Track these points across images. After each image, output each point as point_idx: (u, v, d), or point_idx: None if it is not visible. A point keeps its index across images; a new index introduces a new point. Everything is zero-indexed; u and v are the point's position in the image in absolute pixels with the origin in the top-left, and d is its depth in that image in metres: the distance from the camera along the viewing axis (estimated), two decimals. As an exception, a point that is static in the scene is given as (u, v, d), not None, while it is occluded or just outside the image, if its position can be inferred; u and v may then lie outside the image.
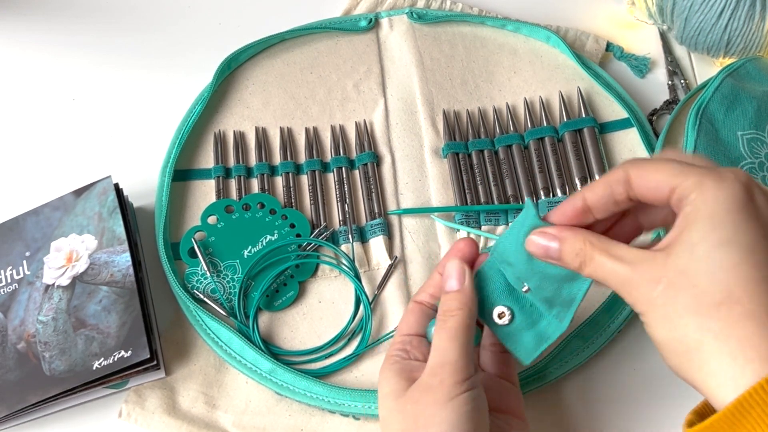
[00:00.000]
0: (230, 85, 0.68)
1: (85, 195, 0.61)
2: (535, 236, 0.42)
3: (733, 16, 0.63)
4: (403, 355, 0.46)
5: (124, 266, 0.57)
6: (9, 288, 0.58)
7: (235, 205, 0.62)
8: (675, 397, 0.56)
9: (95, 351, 0.54)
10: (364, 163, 0.64)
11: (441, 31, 0.70)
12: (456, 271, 0.46)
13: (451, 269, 0.46)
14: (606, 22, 0.73)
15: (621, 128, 0.65)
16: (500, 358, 0.49)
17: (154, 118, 0.68)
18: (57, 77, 0.70)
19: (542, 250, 0.42)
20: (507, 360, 0.49)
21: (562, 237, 0.42)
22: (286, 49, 0.70)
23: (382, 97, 0.67)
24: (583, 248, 0.41)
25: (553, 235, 0.42)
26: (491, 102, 0.67)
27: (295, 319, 0.58)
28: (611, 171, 0.41)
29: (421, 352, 0.46)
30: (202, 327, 0.57)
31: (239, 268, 0.59)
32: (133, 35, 0.73)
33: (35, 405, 0.53)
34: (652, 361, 0.57)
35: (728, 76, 0.62)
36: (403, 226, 0.62)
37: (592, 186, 0.42)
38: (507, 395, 0.48)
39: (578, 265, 0.41)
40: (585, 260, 0.40)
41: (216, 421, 0.55)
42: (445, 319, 0.44)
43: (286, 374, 0.55)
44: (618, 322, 0.57)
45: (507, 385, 0.49)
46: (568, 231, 0.42)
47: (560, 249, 0.41)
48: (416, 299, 0.49)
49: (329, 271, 0.60)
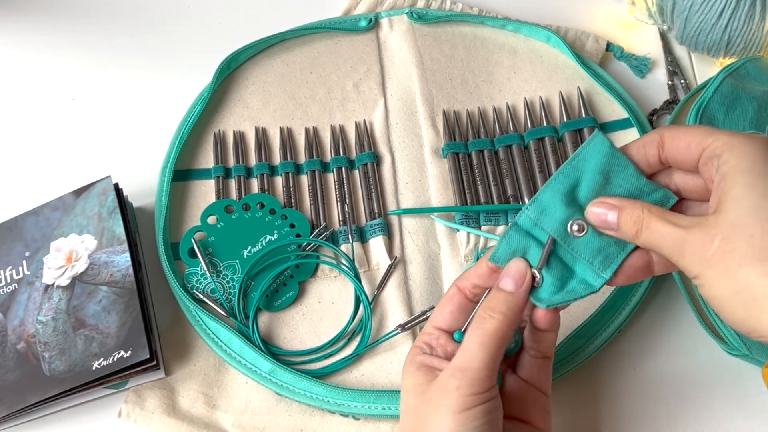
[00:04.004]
0: (230, 85, 0.68)
1: (85, 195, 0.61)
2: (595, 206, 0.43)
3: (733, 16, 0.63)
4: (426, 349, 0.45)
5: (124, 266, 0.57)
6: (9, 288, 0.58)
7: (234, 205, 0.62)
8: (675, 397, 0.56)
9: (95, 351, 0.54)
10: (364, 163, 0.64)
11: (441, 31, 0.70)
12: (517, 273, 0.44)
13: (514, 268, 0.44)
14: (606, 22, 0.73)
15: (621, 128, 0.65)
16: (538, 364, 0.48)
17: (154, 118, 0.68)
18: (57, 77, 0.70)
19: (602, 220, 0.43)
20: (544, 368, 0.48)
21: (621, 205, 0.43)
22: (286, 49, 0.70)
23: (382, 97, 0.67)
24: (641, 215, 0.42)
25: (612, 204, 0.43)
26: (491, 102, 0.67)
27: (294, 319, 0.58)
28: (647, 133, 0.44)
29: (446, 352, 0.45)
30: (202, 327, 0.57)
31: (239, 268, 0.59)
32: (133, 35, 0.73)
33: (35, 405, 0.53)
34: (652, 361, 0.57)
35: (728, 76, 0.62)
36: (403, 226, 0.62)
37: (626, 146, 0.44)
38: (534, 405, 0.47)
39: (635, 233, 0.42)
40: (641, 227, 0.42)
41: (216, 421, 0.55)
42: (483, 319, 0.43)
43: (285, 374, 0.55)
44: (618, 322, 0.57)
45: (537, 395, 0.47)
46: (626, 200, 0.43)
47: (618, 217, 0.43)
48: (459, 284, 0.47)
49: (329, 271, 0.60)
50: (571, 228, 0.44)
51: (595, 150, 0.44)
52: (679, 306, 0.59)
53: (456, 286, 0.47)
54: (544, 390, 0.48)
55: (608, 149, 0.44)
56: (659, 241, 0.41)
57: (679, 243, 0.40)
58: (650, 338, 0.58)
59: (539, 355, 0.47)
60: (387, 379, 0.56)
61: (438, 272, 0.60)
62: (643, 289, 0.58)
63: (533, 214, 0.44)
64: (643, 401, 0.56)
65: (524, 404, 0.47)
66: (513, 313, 0.43)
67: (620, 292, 0.57)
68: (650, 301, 0.59)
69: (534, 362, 0.47)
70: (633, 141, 0.44)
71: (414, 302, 0.59)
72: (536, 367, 0.47)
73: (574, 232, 0.44)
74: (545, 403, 0.47)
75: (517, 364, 0.48)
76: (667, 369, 0.57)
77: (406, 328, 0.56)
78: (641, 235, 0.42)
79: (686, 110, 0.63)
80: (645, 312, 0.59)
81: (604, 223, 0.43)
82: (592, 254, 0.44)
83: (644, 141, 0.44)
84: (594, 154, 0.44)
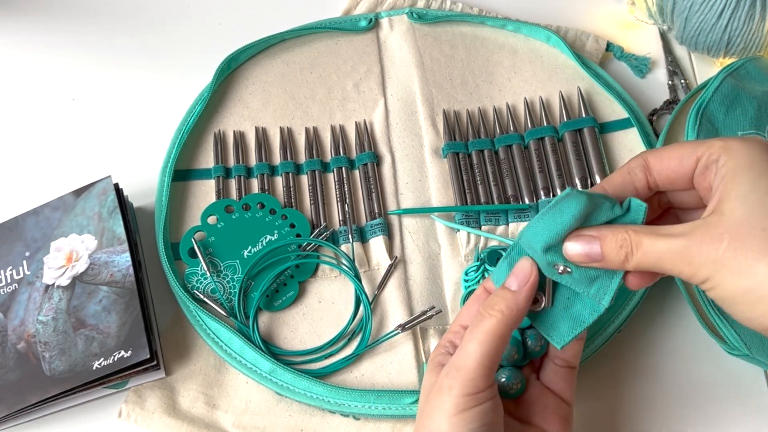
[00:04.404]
0: (230, 85, 0.68)
1: (85, 195, 0.61)
2: (572, 242, 0.41)
3: (733, 16, 0.63)
4: (449, 348, 0.45)
5: (124, 266, 0.57)
6: (9, 288, 0.58)
7: (235, 205, 0.62)
8: (674, 397, 0.56)
9: (95, 351, 0.54)
10: (364, 163, 0.64)
11: (441, 31, 0.70)
12: (522, 273, 0.43)
13: (520, 268, 0.43)
14: (606, 22, 0.73)
15: (621, 128, 0.65)
16: (561, 372, 0.47)
17: (154, 118, 0.68)
18: (57, 77, 0.70)
19: (584, 255, 0.41)
20: (568, 377, 0.47)
21: (601, 234, 0.41)
22: (286, 49, 0.70)
23: (382, 97, 0.67)
24: (626, 237, 0.40)
25: (591, 236, 0.41)
26: (491, 102, 0.67)
27: (295, 319, 0.58)
28: (629, 160, 0.42)
29: None
30: (202, 327, 0.57)
31: (239, 268, 0.59)
32: (133, 35, 0.73)
33: (35, 405, 0.53)
34: (652, 360, 0.57)
35: (728, 76, 0.62)
36: (403, 226, 0.62)
37: (611, 177, 0.43)
38: (555, 413, 0.46)
39: (624, 257, 0.40)
40: (630, 249, 0.40)
41: (216, 421, 0.55)
42: (482, 317, 0.42)
43: (286, 374, 0.55)
44: (618, 322, 0.57)
45: (559, 403, 0.47)
46: (604, 227, 0.41)
47: (602, 247, 0.40)
48: (486, 285, 0.46)
49: (329, 271, 0.60)
50: (557, 270, 0.43)
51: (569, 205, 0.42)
52: (679, 306, 0.59)
53: (483, 286, 0.47)
54: (567, 399, 0.47)
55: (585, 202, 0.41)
56: (657, 257, 0.39)
57: (682, 252, 0.38)
58: (650, 338, 0.58)
59: (564, 364, 0.47)
60: (387, 379, 0.56)
61: (438, 272, 0.60)
62: (643, 289, 0.57)
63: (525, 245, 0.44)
64: (643, 401, 0.56)
65: (545, 411, 0.46)
66: (512, 313, 0.42)
67: (620, 292, 0.57)
68: (650, 301, 0.59)
69: (558, 370, 0.47)
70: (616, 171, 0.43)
71: (414, 302, 0.59)
72: (560, 376, 0.47)
73: (560, 273, 0.43)
74: (567, 412, 0.47)
75: (541, 370, 0.48)
76: (667, 369, 0.57)
77: (406, 328, 0.56)
78: (632, 259, 0.40)
79: (686, 110, 0.63)
80: (645, 312, 0.59)
81: (586, 257, 0.41)
82: (585, 286, 0.43)
83: (629, 168, 0.42)
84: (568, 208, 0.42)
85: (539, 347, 0.47)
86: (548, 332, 0.44)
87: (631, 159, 0.43)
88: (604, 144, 0.65)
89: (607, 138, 0.65)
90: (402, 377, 0.56)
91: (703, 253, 0.38)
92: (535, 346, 0.47)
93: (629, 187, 0.43)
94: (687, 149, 0.41)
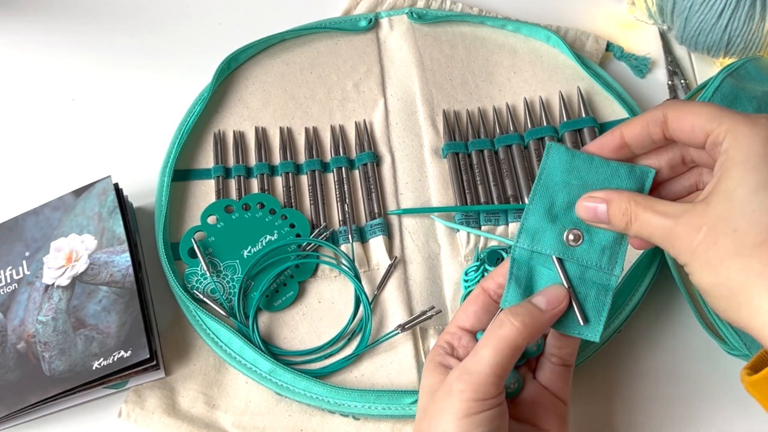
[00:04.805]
0: (230, 85, 0.68)
1: (85, 195, 0.61)
2: (585, 201, 0.43)
3: (733, 16, 0.63)
4: (447, 349, 0.45)
5: (124, 266, 0.57)
6: (9, 288, 0.58)
7: (234, 205, 0.62)
8: (675, 396, 0.56)
9: (95, 351, 0.54)
10: (364, 163, 0.64)
11: (441, 31, 0.70)
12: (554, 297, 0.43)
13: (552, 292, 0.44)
14: (606, 22, 0.73)
15: (621, 128, 0.65)
16: (558, 371, 0.47)
17: (154, 118, 0.68)
18: (57, 77, 0.70)
19: (591, 212, 0.43)
20: (564, 376, 0.47)
21: (609, 198, 0.43)
22: (286, 49, 0.70)
23: (382, 97, 0.67)
24: (628, 207, 0.42)
25: (600, 198, 0.43)
26: (491, 102, 0.67)
27: (294, 319, 0.58)
28: (650, 110, 0.43)
29: (467, 352, 0.45)
30: (202, 327, 0.57)
31: (239, 268, 0.59)
32: (133, 35, 0.73)
33: (35, 405, 0.53)
34: (652, 360, 0.57)
35: (728, 76, 0.62)
36: (403, 226, 0.62)
37: (630, 122, 0.43)
38: (552, 411, 0.46)
39: (625, 225, 0.42)
40: (631, 219, 0.42)
41: (216, 421, 0.55)
42: (502, 323, 0.42)
43: (285, 374, 0.55)
44: (618, 322, 0.57)
45: (555, 401, 0.47)
46: (614, 192, 0.43)
47: (607, 210, 0.42)
48: (483, 285, 0.47)
49: (329, 271, 0.60)
50: (567, 239, 0.44)
51: (554, 161, 0.45)
52: (679, 306, 0.59)
53: (481, 286, 0.47)
54: (563, 397, 0.47)
55: (566, 153, 0.44)
56: (649, 231, 0.41)
57: (667, 233, 0.40)
58: (650, 338, 0.58)
59: (560, 363, 0.47)
60: (387, 379, 0.56)
61: (438, 272, 0.60)
62: (643, 289, 0.58)
63: (526, 243, 0.45)
64: (643, 401, 0.56)
65: (541, 410, 0.46)
66: (533, 329, 0.42)
67: (620, 292, 0.57)
68: (650, 301, 0.59)
69: (554, 369, 0.47)
70: (636, 117, 0.43)
71: (414, 302, 0.59)
72: (556, 374, 0.47)
73: (570, 242, 0.44)
74: (563, 411, 0.47)
75: (538, 369, 0.48)
76: (667, 369, 0.57)
77: (406, 328, 0.56)
78: (631, 227, 0.42)
79: (686, 110, 0.63)
80: (645, 312, 0.59)
81: (595, 216, 0.43)
82: (597, 257, 0.44)
83: (647, 119, 0.43)
84: (556, 164, 0.45)
85: (536, 347, 0.47)
86: (578, 331, 0.44)
87: (653, 108, 0.43)
88: (604, 144, 0.65)
89: (607, 138, 0.65)
90: (402, 377, 0.56)
91: (683, 240, 0.39)
92: (532, 346, 0.47)
93: (646, 138, 0.43)
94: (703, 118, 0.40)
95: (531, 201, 0.45)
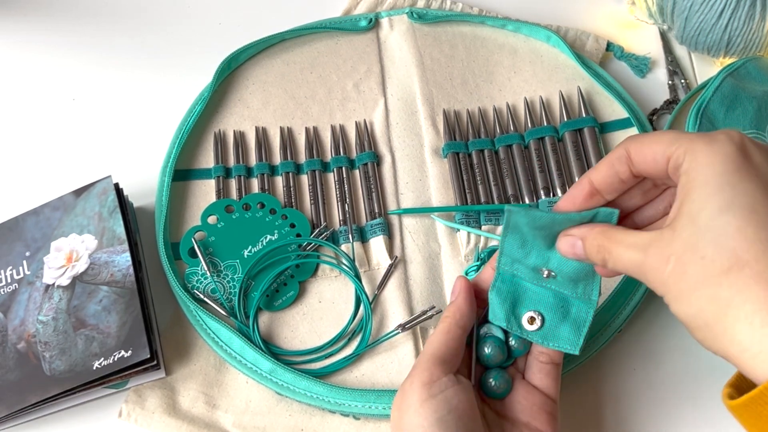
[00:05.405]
0: (230, 85, 0.68)
1: (85, 195, 0.61)
2: (563, 239, 0.43)
3: (734, 16, 0.63)
4: None
5: (124, 266, 0.57)
6: (9, 288, 0.58)
7: (235, 205, 0.62)
8: (675, 397, 0.56)
9: (95, 351, 0.54)
10: (364, 162, 0.64)
11: (441, 31, 0.70)
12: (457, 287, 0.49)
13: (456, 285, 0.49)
14: (606, 21, 0.73)
15: (621, 128, 0.65)
16: (546, 370, 0.48)
17: (154, 118, 0.68)
18: (57, 77, 0.70)
19: (571, 249, 0.43)
20: (552, 374, 0.48)
21: (583, 235, 0.42)
22: (286, 49, 0.70)
23: (382, 97, 0.67)
24: (602, 243, 0.41)
25: (576, 236, 0.43)
26: (491, 102, 0.67)
27: (295, 319, 0.58)
28: (613, 150, 0.42)
29: None
30: (202, 327, 0.57)
31: (239, 267, 0.59)
32: (133, 35, 0.73)
33: (35, 405, 0.53)
34: (652, 361, 0.57)
35: (728, 76, 0.62)
36: (403, 226, 0.62)
37: (596, 168, 0.43)
38: (541, 410, 0.47)
39: (602, 260, 0.41)
40: (605, 255, 0.41)
41: (216, 421, 0.55)
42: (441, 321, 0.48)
43: (286, 374, 0.55)
44: (618, 322, 0.57)
45: (545, 400, 0.47)
46: (586, 229, 0.42)
47: (584, 247, 0.42)
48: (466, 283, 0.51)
49: (329, 271, 0.60)
50: (542, 274, 0.46)
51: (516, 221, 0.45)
52: (679, 306, 0.59)
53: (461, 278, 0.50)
54: (552, 395, 0.48)
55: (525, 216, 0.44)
56: (623, 266, 0.40)
57: (639, 266, 0.39)
58: (650, 338, 0.58)
59: (548, 361, 0.48)
60: (387, 379, 0.56)
61: (438, 272, 0.60)
62: (643, 289, 0.57)
63: (507, 265, 0.47)
64: (643, 401, 0.56)
65: (532, 409, 0.47)
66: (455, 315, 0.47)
67: (620, 292, 0.57)
68: (650, 301, 0.59)
69: (543, 368, 0.48)
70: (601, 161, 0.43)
71: (414, 302, 0.59)
72: (545, 373, 0.48)
73: (545, 276, 0.46)
74: (553, 409, 0.47)
75: (526, 370, 0.48)
76: (667, 369, 0.57)
77: (406, 327, 0.56)
78: (608, 264, 0.41)
79: (686, 110, 0.63)
80: (645, 312, 0.59)
81: (574, 253, 0.43)
82: (572, 288, 0.46)
83: (611, 159, 0.42)
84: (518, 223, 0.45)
85: (522, 346, 0.48)
86: (559, 344, 0.46)
87: (615, 148, 0.42)
88: (604, 144, 0.65)
89: (608, 138, 0.65)
90: (402, 377, 0.56)
91: (654, 272, 0.38)
92: (519, 345, 0.48)
93: (614, 179, 0.42)
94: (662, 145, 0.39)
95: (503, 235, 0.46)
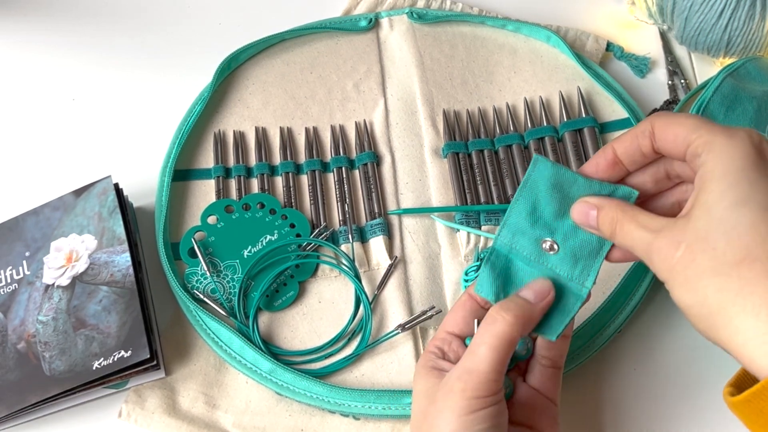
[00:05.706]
0: (230, 85, 0.68)
1: (85, 195, 0.61)
2: (579, 204, 0.44)
3: (734, 16, 0.63)
4: (438, 353, 0.46)
5: (124, 266, 0.57)
6: (9, 288, 0.58)
7: (235, 205, 0.62)
8: (675, 397, 0.56)
9: (95, 351, 0.54)
10: (364, 163, 0.64)
11: (441, 31, 0.70)
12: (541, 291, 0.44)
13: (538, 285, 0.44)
14: (606, 22, 0.73)
15: (621, 128, 0.65)
16: (548, 373, 0.48)
17: (154, 118, 0.68)
18: (57, 77, 0.70)
19: (584, 216, 0.44)
20: (554, 377, 0.48)
21: (600, 205, 0.43)
22: (286, 49, 0.70)
23: (382, 97, 0.67)
24: (615, 216, 0.42)
25: (593, 204, 0.43)
26: (491, 102, 0.67)
27: (295, 319, 0.58)
28: (640, 122, 0.43)
29: (457, 356, 0.45)
30: (202, 327, 0.57)
31: (239, 268, 0.59)
32: (133, 35, 0.73)
33: (35, 405, 0.53)
34: (652, 361, 0.57)
35: (728, 76, 0.62)
36: (403, 226, 0.62)
37: (620, 138, 0.44)
38: (543, 413, 0.47)
39: (611, 233, 0.42)
40: (616, 228, 0.42)
41: (216, 421, 0.55)
42: (494, 320, 0.43)
43: (286, 374, 0.55)
44: (618, 322, 0.57)
45: (546, 403, 0.47)
46: (605, 200, 0.43)
47: (597, 216, 0.43)
48: (471, 291, 0.47)
49: (329, 271, 0.60)
50: (543, 246, 0.46)
51: (540, 173, 0.46)
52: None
53: (468, 293, 0.48)
54: (553, 399, 0.47)
55: (551, 168, 0.45)
56: (631, 243, 0.41)
57: (647, 246, 0.40)
58: (650, 338, 0.58)
59: (550, 365, 0.47)
60: (387, 379, 0.56)
61: (438, 272, 0.60)
62: (643, 289, 0.58)
63: (506, 238, 0.46)
64: (643, 401, 0.56)
65: (533, 412, 0.46)
66: (524, 321, 0.43)
67: (620, 292, 0.57)
68: (650, 301, 0.59)
69: (544, 371, 0.48)
70: (626, 131, 0.44)
71: (414, 302, 0.59)
72: (546, 376, 0.48)
73: (546, 250, 0.46)
74: (553, 412, 0.47)
75: (528, 372, 0.48)
76: (667, 369, 0.57)
77: (406, 328, 0.56)
78: (616, 237, 0.42)
79: (686, 110, 0.63)
80: (645, 312, 0.59)
81: (586, 220, 0.44)
82: (569, 268, 0.45)
83: (636, 132, 0.43)
84: (541, 176, 0.46)
85: (525, 350, 0.48)
86: (540, 330, 0.45)
87: (642, 121, 0.43)
88: (604, 144, 0.65)
89: (608, 138, 0.65)
90: (402, 377, 0.56)
91: (661, 256, 0.39)
92: (522, 350, 0.48)
93: (637, 151, 0.43)
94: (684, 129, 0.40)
95: (515, 200, 0.46)
